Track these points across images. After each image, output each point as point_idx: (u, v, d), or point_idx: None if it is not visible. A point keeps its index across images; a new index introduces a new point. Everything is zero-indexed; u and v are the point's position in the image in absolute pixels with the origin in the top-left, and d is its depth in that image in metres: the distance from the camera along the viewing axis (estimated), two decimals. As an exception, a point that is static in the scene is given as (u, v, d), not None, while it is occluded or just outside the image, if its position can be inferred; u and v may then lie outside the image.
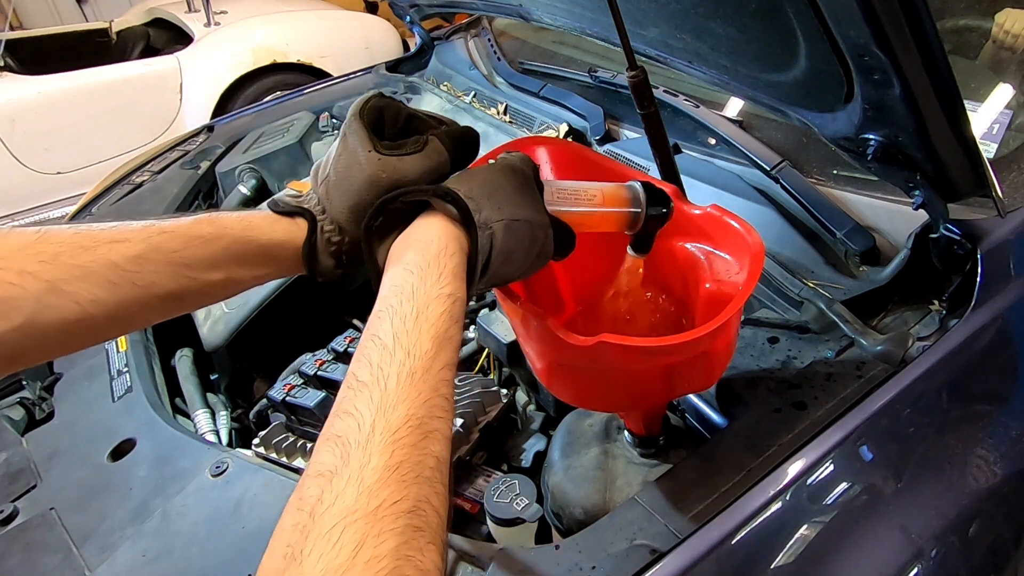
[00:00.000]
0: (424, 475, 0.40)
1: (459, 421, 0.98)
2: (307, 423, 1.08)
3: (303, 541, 0.35)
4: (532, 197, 0.60)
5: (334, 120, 1.90)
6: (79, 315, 0.49)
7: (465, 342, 1.23)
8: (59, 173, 3.36)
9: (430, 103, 1.86)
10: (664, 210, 0.71)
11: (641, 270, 0.79)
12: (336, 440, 0.40)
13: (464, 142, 0.65)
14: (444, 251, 0.53)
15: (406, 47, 4.10)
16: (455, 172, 0.63)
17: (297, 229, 0.61)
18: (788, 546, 0.70)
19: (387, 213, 0.57)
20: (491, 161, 0.63)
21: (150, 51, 3.99)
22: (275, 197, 0.64)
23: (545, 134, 1.52)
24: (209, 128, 2.02)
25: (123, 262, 0.51)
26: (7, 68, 3.37)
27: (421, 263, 0.51)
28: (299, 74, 3.81)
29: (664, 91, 1.31)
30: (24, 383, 1.18)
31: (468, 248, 0.55)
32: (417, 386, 0.44)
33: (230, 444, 1.12)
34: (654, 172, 0.87)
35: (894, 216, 1.00)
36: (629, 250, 0.76)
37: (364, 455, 0.39)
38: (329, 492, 0.37)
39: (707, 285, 0.80)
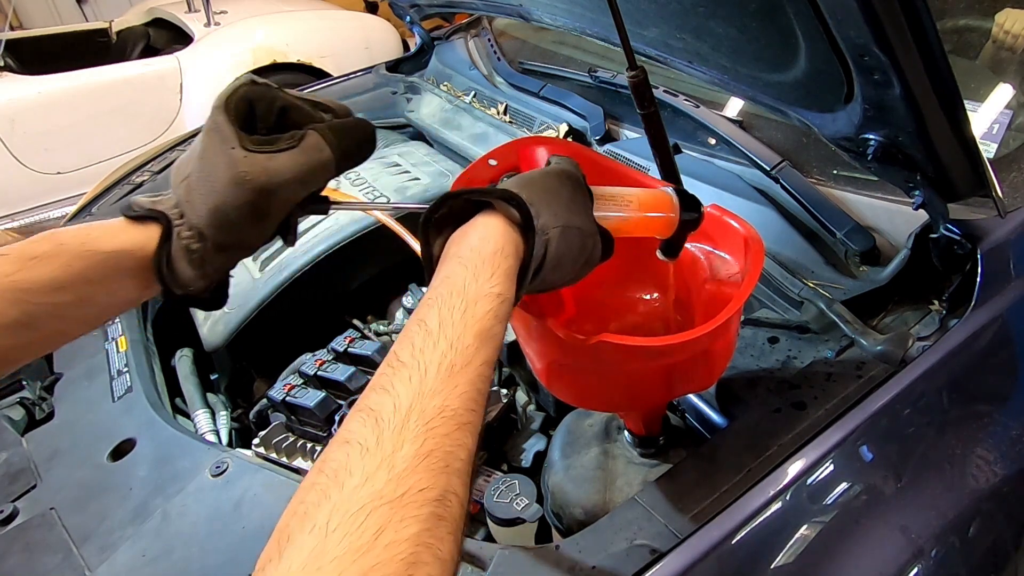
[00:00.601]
0: (454, 466, 0.40)
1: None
2: (307, 423, 1.08)
3: (327, 510, 0.36)
4: (585, 205, 0.59)
5: (334, 120, 1.90)
6: None
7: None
8: (59, 173, 3.36)
9: (430, 103, 1.86)
10: (696, 215, 0.71)
11: (672, 274, 0.79)
12: (370, 413, 0.41)
13: (352, 136, 0.60)
14: (500, 252, 0.52)
15: (406, 47, 4.10)
16: (340, 169, 0.59)
17: (147, 236, 0.56)
18: (788, 546, 0.70)
19: (447, 207, 0.55)
20: (548, 163, 0.61)
21: (150, 51, 3.99)
22: (131, 199, 0.58)
23: (545, 134, 1.52)
24: (209, 128, 2.01)
25: None
26: (7, 68, 3.37)
27: (476, 260, 0.51)
28: (299, 74, 3.81)
29: (664, 91, 1.31)
30: (24, 383, 1.18)
31: (523, 252, 0.54)
32: (456, 378, 0.44)
33: (230, 444, 1.12)
34: (654, 172, 0.87)
35: (894, 216, 1.00)
36: (659, 254, 0.76)
37: (398, 440, 0.39)
38: (359, 467, 0.38)
39: (707, 285, 0.80)
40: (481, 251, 0.52)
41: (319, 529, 0.35)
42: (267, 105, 0.57)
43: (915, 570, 0.72)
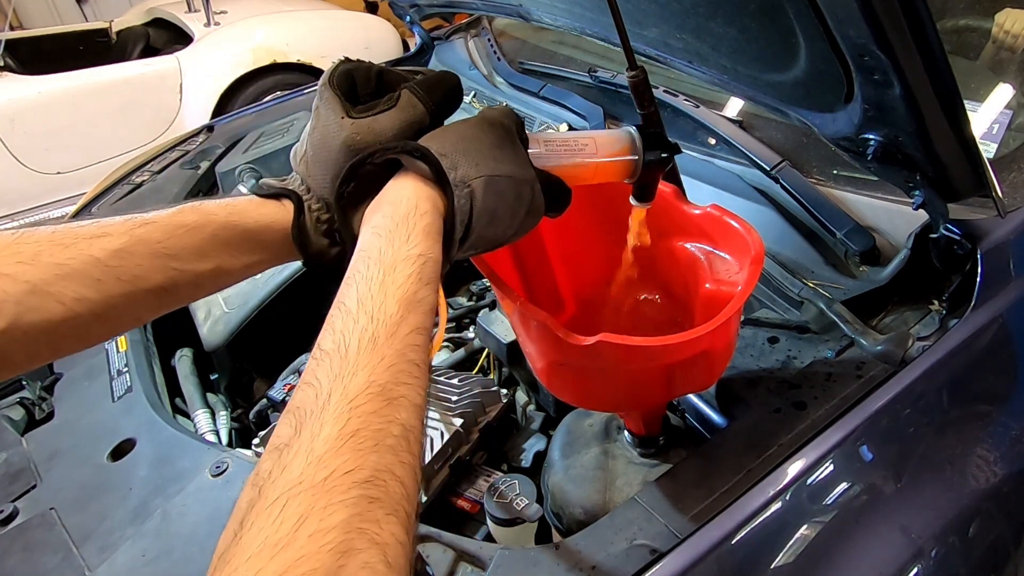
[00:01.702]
0: (386, 443, 0.37)
1: (459, 421, 0.98)
2: (307, 423, 1.08)
3: (245, 514, 0.33)
4: (514, 151, 0.57)
5: (334, 120, 1.90)
6: (64, 315, 0.47)
7: (465, 342, 1.23)
8: (59, 173, 3.36)
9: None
10: (664, 154, 0.68)
11: (643, 221, 0.77)
12: (294, 412, 0.38)
13: (440, 88, 0.60)
14: (414, 211, 0.50)
15: (406, 47, 4.10)
16: (436, 124, 0.59)
17: (284, 210, 0.58)
18: (788, 546, 0.70)
19: (359, 178, 0.55)
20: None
21: (150, 51, 3.99)
22: (260, 181, 0.61)
23: (545, 133, 1.52)
24: (209, 128, 2.02)
25: (105, 257, 0.49)
26: (7, 68, 3.37)
27: (389, 225, 0.49)
28: (299, 74, 3.81)
29: (664, 91, 1.32)
30: (24, 383, 1.18)
31: (444, 208, 0.53)
32: (380, 351, 0.40)
33: (230, 444, 1.12)
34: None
35: (894, 216, 1.00)
36: (632, 199, 0.74)
37: (317, 425, 0.36)
38: (278, 465, 0.35)
39: (707, 285, 0.80)
40: (394, 215, 0.50)
41: (229, 531, 0.33)
42: (365, 74, 0.59)
43: (915, 570, 0.72)
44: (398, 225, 0.49)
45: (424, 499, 0.92)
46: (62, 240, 0.49)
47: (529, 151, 0.60)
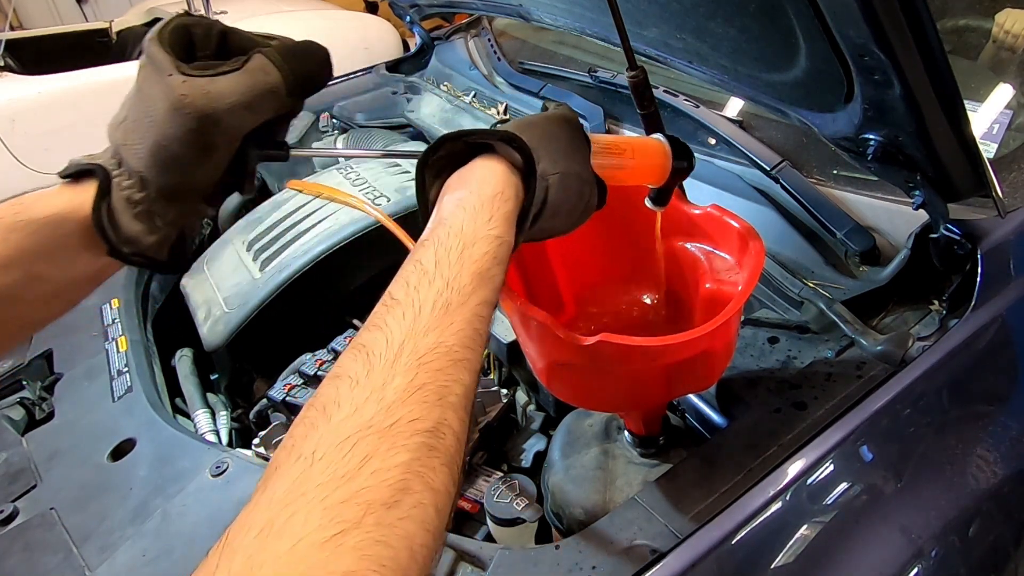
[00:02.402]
0: (448, 400, 0.39)
1: (459, 421, 0.98)
2: (307, 423, 1.08)
3: (314, 440, 0.35)
4: (583, 152, 0.59)
5: (334, 120, 1.90)
6: None
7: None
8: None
9: (430, 103, 1.86)
10: (686, 163, 0.71)
11: (659, 223, 0.79)
12: (361, 349, 0.40)
13: (302, 58, 0.55)
14: (500, 195, 0.51)
15: (406, 47, 4.10)
16: (294, 97, 0.55)
17: (83, 194, 0.51)
18: (788, 546, 0.70)
19: (445, 150, 0.54)
20: (546, 110, 0.61)
21: (150, 51, 3.98)
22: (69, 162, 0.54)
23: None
24: (209, 128, 2.01)
25: None
26: (7, 68, 3.37)
27: (475, 202, 0.50)
28: (299, 74, 3.80)
29: (664, 91, 1.31)
30: (24, 383, 1.18)
31: (523, 197, 0.53)
32: (451, 316, 0.43)
33: (230, 444, 1.12)
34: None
35: (894, 216, 1.00)
36: (648, 203, 0.76)
37: (389, 373, 0.39)
38: (348, 399, 0.37)
39: (707, 285, 0.80)
40: (480, 193, 0.50)
41: (304, 459, 0.34)
42: (204, 31, 0.53)
43: (915, 570, 0.72)
44: (483, 204, 0.50)
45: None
46: None
47: None
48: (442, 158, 0.55)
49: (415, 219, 0.58)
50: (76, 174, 0.53)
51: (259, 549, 0.31)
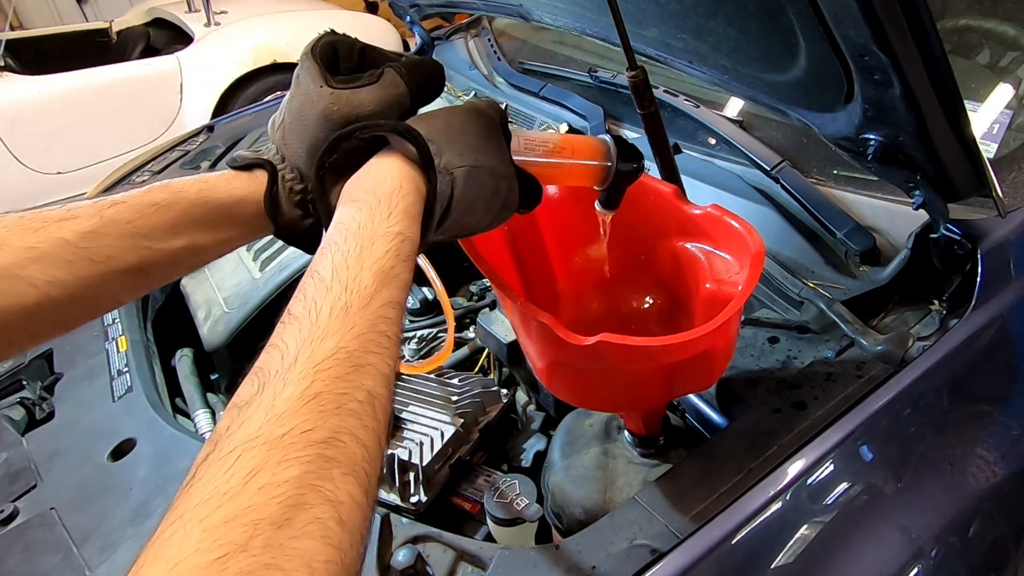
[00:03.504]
0: (348, 407, 0.37)
1: (459, 421, 0.98)
2: (307, 423, 1.08)
3: (198, 463, 0.33)
4: (498, 145, 0.57)
5: (334, 120, 1.90)
6: (38, 298, 0.47)
7: (465, 342, 1.23)
8: (59, 173, 3.36)
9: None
10: (635, 166, 0.69)
11: (607, 227, 0.78)
12: (257, 372, 0.38)
13: (424, 72, 0.60)
14: (398, 191, 0.50)
15: (406, 47, 4.10)
16: (416, 106, 0.60)
17: (256, 182, 0.58)
18: (788, 546, 0.70)
19: (342, 151, 0.54)
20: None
21: (150, 51, 3.99)
22: (235, 153, 0.60)
23: (545, 133, 1.52)
24: (209, 128, 2.02)
25: (75, 239, 0.49)
26: (7, 68, 3.37)
27: (371, 201, 0.49)
28: (299, 74, 3.80)
29: (664, 91, 1.31)
30: (24, 383, 1.18)
31: (426, 192, 0.52)
32: (351, 319, 0.41)
33: (230, 444, 1.12)
34: (654, 172, 0.87)
35: (894, 216, 1.00)
36: (597, 205, 0.74)
37: (280, 384, 0.36)
38: (236, 421, 0.35)
39: (707, 285, 0.80)
40: (376, 191, 0.50)
41: (187, 484, 0.33)
42: (348, 48, 0.59)
43: (915, 570, 0.72)
44: (380, 202, 0.49)
45: (424, 499, 0.92)
46: (31, 224, 0.49)
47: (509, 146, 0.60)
48: (340, 159, 0.55)
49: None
50: (246, 166, 0.59)
51: None
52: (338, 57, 0.59)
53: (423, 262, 0.98)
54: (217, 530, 0.30)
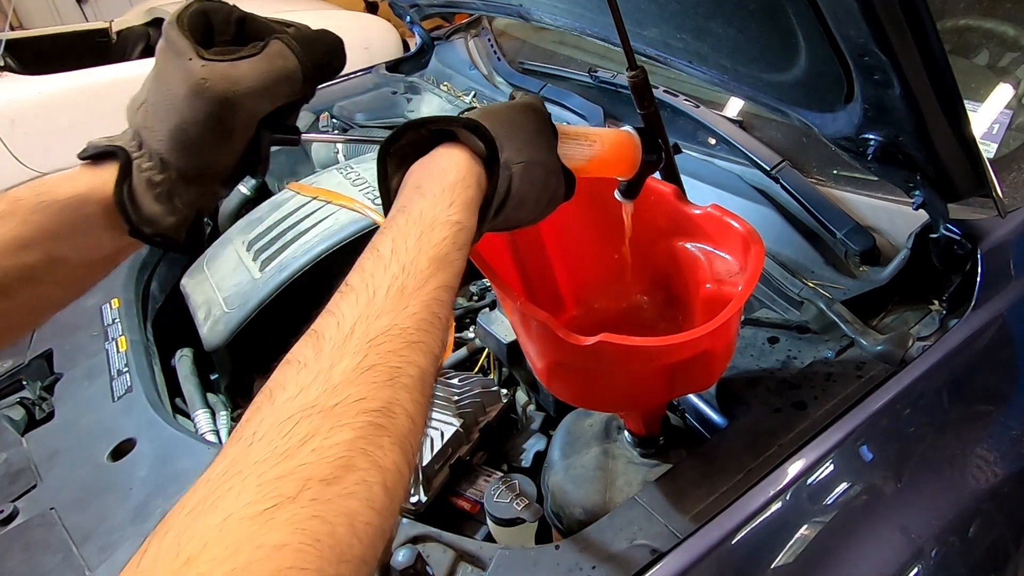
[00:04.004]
0: (400, 381, 0.38)
1: (459, 421, 0.98)
2: (307, 423, 1.08)
3: (256, 422, 0.35)
4: (549, 141, 0.58)
5: (334, 120, 1.90)
6: None
7: (465, 342, 1.23)
8: (59, 173, 3.36)
9: (430, 103, 1.86)
10: (656, 156, 0.71)
11: (630, 216, 0.79)
12: (313, 335, 0.40)
13: (318, 45, 0.57)
14: (461, 182, 0.50)
15: (406, 47, 4.09)
16: (310, 83, 0.56)
17: (105, 175, 0.52)
18: (788, 546, 0.70)
19: (407, 138, 0.54)
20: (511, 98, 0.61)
21: (150, 51, 3.98)
22: (88, 143, 0.54)
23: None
24: (209, 128, 2.01)
25: None
26: (7, 68, 3.37)
27: (435, 189, 0.49)
28: (299, 74, 3.80)
29: (664, 91, 1.31)
30: (24, 383, 1.18)
31: (486, 186, 0.53)
32: (406, 300, 0.42)
33: (230, 444, 1.12)
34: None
35: (894, 216, 1.00)
36: (617, 195, 0.76)
37: (337, 355, 0.38)
38: (294, 382, 0.36)
39: (707, 285, 0.80)
40: (441, 181, 0.50)
41: (245, 440, 0.34)
42: (224, 16, 0.54)
43: (915, 570, 0.72)
44: (444, 191, 0.49)
45: (424, 499, 0.92)
46: None
47: None
48: (404, 147, 0.54)
49: None
50: (96, 156, 0.53)
51: (189, 525, 0.31)
52: (213, 28, 0.54)
53: None
54: (270, 484, 0.31)
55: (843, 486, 0.75)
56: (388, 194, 0.54)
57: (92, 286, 0.58)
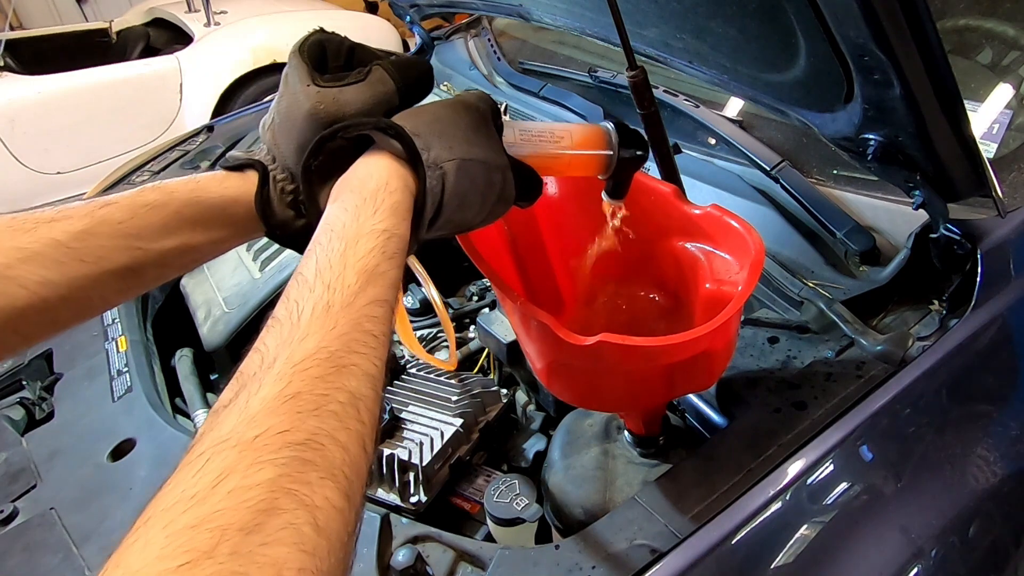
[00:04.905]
0: (329, 408, 0.35)
1: (459, 421, 0.98)
2: (307, 423, 1.08)
3: (174, 468, 0.32)
4: (488, 137, 0.57)
5: (334, 120, 1.90)
6: (29, 299, 0.47)
7: (466, 342, 1.23)
8: (59, 173, 3.36)
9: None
10: (639, 152, 0.68)
11: (621, 217, 0.77)
12: (236, 377, 0.37)
13: (413, 71, 0.60)
14: (383, 188, 0.49)
15: (406, 47, 4.10)
16: (405, 105, 0.59)
17: (248, 183, 0.57)
18: (788, 546, 0.70)
19: (327, 152, 0.54)
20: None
21: (150, 51, 3.99)
22: (228, 154, 0.60)
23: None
24: (209, 128, 2.02)
25: (67, 239, 0.49)
26: (7, 68, 3.37)
27: (356, 199, 0.48)
28: (299, 74, 3.80)
29: (664, 91, 1.31)
30: (24, 383, 1.18)
31: (415, 188, 0.52)
32: (333, 318, 0.39)
33: (230, 444, 1.12)
34: (654, 172, 0.87)
35: (894, 216, 1.00)
36: (604, 195, 0.74)
37: (255, 386, 0.35)
38: (210, 424, 0.34)
39: (707, 285, 0.80)
40: (361, 190, 0.49)
41: (160, 489, 0.31)
42: (336, 46, 0.59)
43: (915, 570, 0.72)
44: (365, 200, 0.48)
45: (424, 499, 0.92)
46: (22, 225, 0.49)
47: (504, 138, 0.60)
48: (325, 161, 0.54)
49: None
50: (238, 166, 0.58)
51: None
52: (327, 56, 0.59)
53: (416, 265, 0.98)
54: (182, 535, 0.28)
55: (843, 486, 0.75)
56: (317, 212, 0.53)
57: (188, 272, 0.62)
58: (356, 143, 0.55)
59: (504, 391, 1.08)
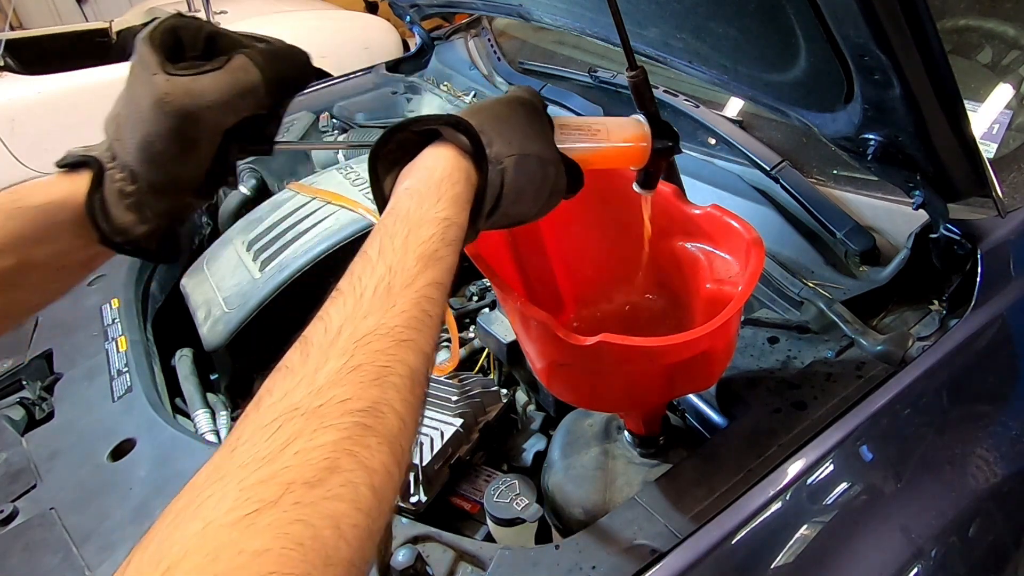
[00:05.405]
0: (389, 380, 0.38)
1: (459, 421, 0.98)
2: (307, 423, 1.08)
3: (240, 429, 0.35)
4: (543, 132, 0.58)
5: (334, 120, 1.90)
6: None
7: (465, 342, 1.23)
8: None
9: (430, 103, 1.86)
10: (670, 143, 0.69)
11: (648, 208, 0.78)
12: (301, 340, 0.40)
13: (284, 61, 0.57)
14: (447, 178, 0.50)
15: (406, 47, 4.10)
16: (273, 97, 0.57)
17: (79, 184, 0.53)
18: (788, 546, 0.70)
19: (395, 141, 0.55)
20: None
21: (150, 51, 3.98)
22: (67, 152, 0.56)
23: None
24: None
25: None
26: (7, 68, 3.37)
27: (421, 188, 0.49)
28: (299, 74, 3.80)
29: (664, 91, 1.31)
30: (24, 383, 1.18)
31: (477, 182, 0.53)
32: (394, 298, 0.42)
33: (230, 444, 1.12)
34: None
35: (894, 216, 1.00)
36: (635, 186, 0.75)
37: (323, 357, 0.37)
38: (280, 387, 0.36)
39: (707, 285, 0.80)
40: (428, 179, 0.50)
41: (228, 446, 0.34)
42: (193, 33, 0.56)
43: (915, 570, 0.72)
44: (430, 189, 0.49)
45: (424, 499, 0.92)
46: None
47: None
48: (393, 150, 0.55)
49: None
50: (72, 164, 0.54)
51: (170, 534, 0.30)
52: (182, 43, 0.55)
53: None
54: (252, 489, 0.31)
55: (843, 486, 0.75)
56: (382, 198, 0.54)
57: (66, 291, 0.58)
58: (423, 136, 0.55)
59: (504, 391, 1.08)
